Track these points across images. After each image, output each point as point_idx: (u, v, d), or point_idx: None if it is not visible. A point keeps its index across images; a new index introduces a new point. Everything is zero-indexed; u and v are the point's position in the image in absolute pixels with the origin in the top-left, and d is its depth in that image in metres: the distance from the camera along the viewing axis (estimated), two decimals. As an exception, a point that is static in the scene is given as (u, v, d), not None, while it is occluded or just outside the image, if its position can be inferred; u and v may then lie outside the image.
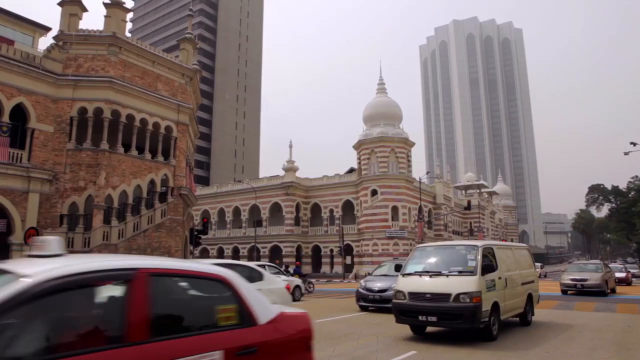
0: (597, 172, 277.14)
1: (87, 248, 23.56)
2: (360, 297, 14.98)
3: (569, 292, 20.48)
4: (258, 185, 55.46)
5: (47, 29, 34.05)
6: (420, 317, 8.82)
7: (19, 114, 23.07)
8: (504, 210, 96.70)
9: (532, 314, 11.54)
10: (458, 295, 8.43)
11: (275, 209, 54.30)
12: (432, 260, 9.79)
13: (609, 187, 75.50)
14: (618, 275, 26.74)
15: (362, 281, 16.20)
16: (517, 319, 11.17)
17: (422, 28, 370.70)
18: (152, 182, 27.47)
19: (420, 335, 9.73)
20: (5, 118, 22.22)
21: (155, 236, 26.69)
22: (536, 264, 46.76)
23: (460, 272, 8.87)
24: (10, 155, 22.27)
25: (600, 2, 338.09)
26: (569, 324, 11.32)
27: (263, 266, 19.28)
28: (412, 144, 51.92)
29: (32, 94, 23.37)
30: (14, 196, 22.08)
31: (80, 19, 26.48)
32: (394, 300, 9.45)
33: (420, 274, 9.35)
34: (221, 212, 59.58)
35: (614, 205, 74.94)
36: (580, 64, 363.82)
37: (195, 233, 27.58)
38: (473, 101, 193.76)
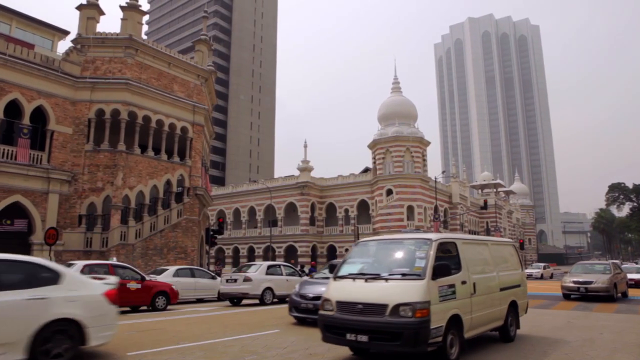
0: (618, 170, 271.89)
1: (105, 248, 23.91)
2: (292, 306, 11.88)
3: (572, 296, 18.25)
4: (273, 185, 55.68)
5: (66, 33, 34.66)
6: (348, 336, 6.60)
7: (39, 116, 23.54)
8: (522, 209, 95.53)
9: (517, 327, 9.29)
10: (397, 306, 6.26)
11: (291, 208, 54.44)
12: (374, 258, 7.73)
13: (630, 186, 73.98)
14: (632, 276, 24.04)
15: (297, 285, 13.22)
16: (497, 333, 8.92)
17: (437, 26, 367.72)
18: (168, 183, 27.78)
19: (361, 357, 7.62)
20: (26, 120, 22.69)
21: (171, 236, 26.96)
22: (538, 264, 45.71)
23: (404, 276, 6.69)
24: (30, 157, 22.74)
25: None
26: (566, 340, 9.08)
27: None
28: (428, 143, 51.58)
29: (51, 96, 23.81)
30: (35, 197, 22.53)
31: (98, 22, 26.91)
32: (320, 312, 7.22)
33: (354, 277, 7.13)
34: (236, 212, 59.93)
35: (635, 204, 73.42)
36: (599, 56, 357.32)
37: (211, 233, 27.77)
38: (489, 99, 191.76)
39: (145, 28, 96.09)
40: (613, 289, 17.39)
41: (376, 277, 6.87)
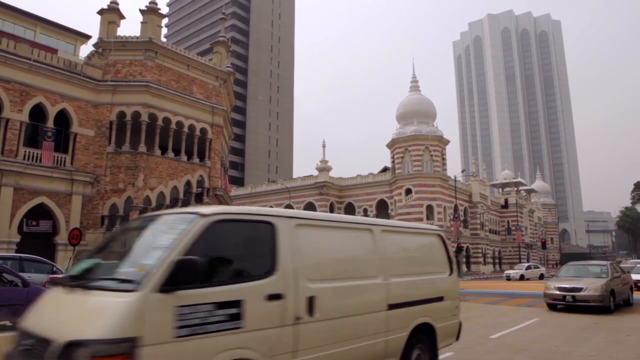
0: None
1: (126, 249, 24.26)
2: None
3: (558, 307, 14.29)
4: (292, 185, 55.84)
5: (88, 37, 35.39)
6: None
7: (62, 119, 24.06)
8: (543, 208, 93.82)
9: None
10: (68, 347, 3.07)
11: (310, 208, 54.47)
12: (120, 248, 4.92)
13: (657, 184, 72.00)
14: (637, 277, 19.94)
15: None
16: None
17: (455, 24, 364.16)
18: (188, 183, 28.07)
19: None
20: (50, 123, 23.22)
21: (191, 236, 27.20)
22: (521, 264, 43.00)
23: (121, 282, 3.52)
24: (54, 159, 23.24)
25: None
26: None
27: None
28: (447, 142, 51.07)
29: (74, 99, 24.30)
30: (59, 198, 23.03)
31: (118, 26, 27.37)
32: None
33: (67, 282, 4.07)
34: (255, 213, 60.23)
35: (662, 202, 71.43)
36: (618, 45, 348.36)
37: (231, 233, 27.94)
38: (509, 97, 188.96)
39: (164, 31, 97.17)
40: (608, 298, 13.55)
41: (84, 282, 3.86)
